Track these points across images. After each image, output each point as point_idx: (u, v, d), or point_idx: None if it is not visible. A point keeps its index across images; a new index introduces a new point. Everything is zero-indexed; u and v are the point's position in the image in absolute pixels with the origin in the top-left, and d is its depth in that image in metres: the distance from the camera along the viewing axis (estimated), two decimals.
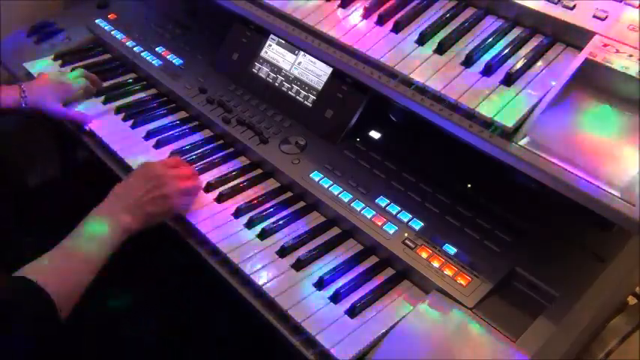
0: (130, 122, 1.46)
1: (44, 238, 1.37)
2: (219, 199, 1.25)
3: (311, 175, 1.26)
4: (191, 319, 1.33)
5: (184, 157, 1.35)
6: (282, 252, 1.13)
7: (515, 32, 1.16)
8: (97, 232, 1.07)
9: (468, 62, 1.11)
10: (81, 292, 1.01)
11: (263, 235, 1.17)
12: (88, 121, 1.46)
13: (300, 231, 1.18)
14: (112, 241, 1.08)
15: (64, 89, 1.48)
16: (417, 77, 1.12)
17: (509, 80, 1.06)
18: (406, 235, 1.12)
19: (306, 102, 1.40)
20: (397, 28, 1.21)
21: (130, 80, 1.64)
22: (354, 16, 1.27)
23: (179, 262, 1.33)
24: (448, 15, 1.21)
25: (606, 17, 1.06)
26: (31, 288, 0.94)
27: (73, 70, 1.62)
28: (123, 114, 1.49)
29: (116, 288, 1.18)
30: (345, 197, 1.20)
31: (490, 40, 1.14)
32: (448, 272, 1.05)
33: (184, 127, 1.46)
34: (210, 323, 1.33)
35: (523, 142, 0.99)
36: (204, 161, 1.35)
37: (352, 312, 1.02)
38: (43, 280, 0.96)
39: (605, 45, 1.02)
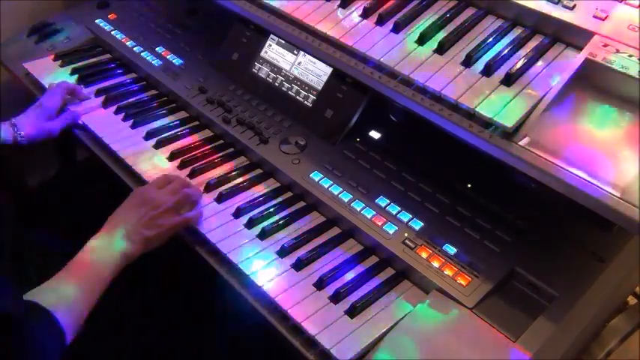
0: (130, 122, 1.46)
1: (44, 237, 1.37)
2: (219, 199, 1.25)
3: (311, 175, 1.26)
4: (190, 319, 1.33)
5: (184, 157, 1.36)
6: (282, 252, 1.13)
7: (515, 32, 1.16)
8: (97, 261, 1.07)
9: (468, 62, 1.11)
10: (84, 318, 1.02)
11: (263, 235, 1.17)
12: (79, 116, 1.47)
13: (300, 231, 1.19)
14: (111, 269, 1.08)
15: (42, 109, 1.46)
16: (417, 77, 1.11)
17: (509, 80, 1.06)
18: (406, 235, 1.12)
19: (306, 102, 1.40)
20: (397, 28, 1.21)
21: (130, 80, 1.64)
22: (354, 16, 1.27)
23: (178, 263, 1.33)
24: (448, 15, 1.21)
25: (606, 17, 1.06)
26: (42, 313, 0.94)
27: (73, 71, 1.63)
28: (123, 114, 1.49)
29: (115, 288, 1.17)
30: (345, 197, 1.20)
31: (490, 40, 1.14)
32: (448, 272, 1.05)
33: (184, 127, 1.47)
34: (210, 323, 1.33)
35: (523, 142, 0.99)
36: (204, 161, 1.35)
37: (352, 312, 1.03)
38: (53, 307, 0.96)
39: (605, 45, 1.02)
